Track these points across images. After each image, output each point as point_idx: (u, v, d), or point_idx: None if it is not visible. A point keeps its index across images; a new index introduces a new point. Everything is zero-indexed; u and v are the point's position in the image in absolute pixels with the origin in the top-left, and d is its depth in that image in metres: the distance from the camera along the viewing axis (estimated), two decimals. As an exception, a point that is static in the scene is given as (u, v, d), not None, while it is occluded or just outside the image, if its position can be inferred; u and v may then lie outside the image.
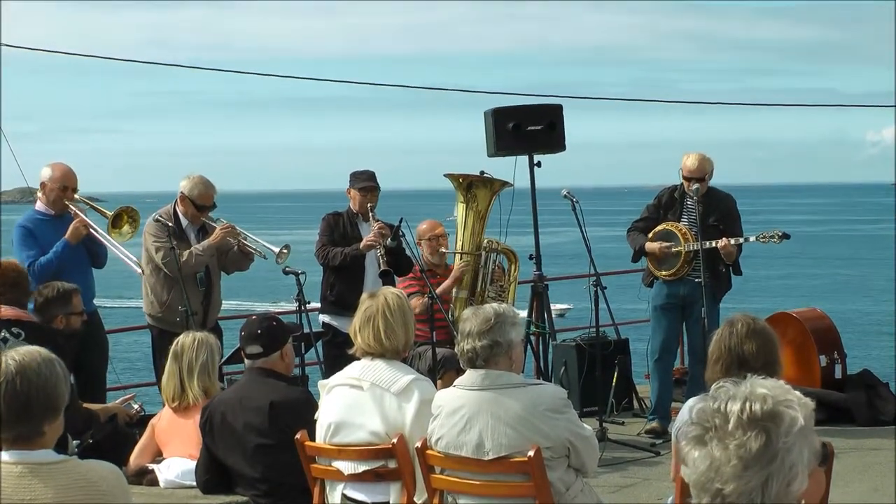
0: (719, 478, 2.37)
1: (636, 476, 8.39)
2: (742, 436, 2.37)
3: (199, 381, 6.55)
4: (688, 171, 9.42)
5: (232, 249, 8.90)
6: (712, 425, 2.40)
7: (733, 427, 2.38)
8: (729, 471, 2.37)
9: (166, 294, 8.72)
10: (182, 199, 8.88)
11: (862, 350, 29.33)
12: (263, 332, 6.07)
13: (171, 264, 8.58)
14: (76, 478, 3.49)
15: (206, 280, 8.86)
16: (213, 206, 8.95)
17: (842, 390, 10.07)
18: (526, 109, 10.39)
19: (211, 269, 8.90)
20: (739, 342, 4.97)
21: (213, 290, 8.93)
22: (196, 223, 8.90)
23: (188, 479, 6.34)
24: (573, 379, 10.13)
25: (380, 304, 5.58)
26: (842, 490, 7.44)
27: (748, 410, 2.39)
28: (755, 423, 2.38)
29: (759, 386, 2.43)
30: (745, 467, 2.36)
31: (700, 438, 2.41)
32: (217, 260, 8.95)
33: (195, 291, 8.76)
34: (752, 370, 4.87)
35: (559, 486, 5.05)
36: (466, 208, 9.80)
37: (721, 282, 9.48)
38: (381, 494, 5.53)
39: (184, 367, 6.58)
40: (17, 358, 3.49)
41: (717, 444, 2.39)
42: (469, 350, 5.11)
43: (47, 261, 8.33)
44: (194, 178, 8.90)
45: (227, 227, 8.82)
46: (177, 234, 8.75)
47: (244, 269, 9.11)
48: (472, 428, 5.06)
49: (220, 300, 9.09)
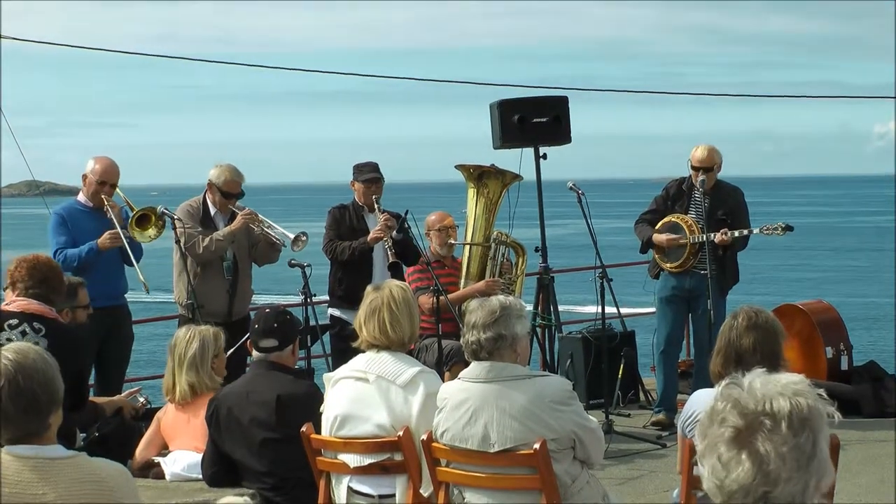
0: (769, 481, 2.30)
1: (642, 468, 8.40)
2: (795, 438, 2.31)
3: (187, 376, 6.51)
4: (697, 162, 9.45)
5: (261, 241, 8.92)
6: (760, 426, 2.31)
7: (786, 429, 2.31)
8: (782, 474, 2.30)
9: (198, 282, 8.73)
10: (210, 187, 8.95)
11: (869, 342, 29.29)
12: (280, 326, 6.06)
13: (193, 249, 8.63)
14: (85, 473, 3.51)
15: (232, 269, 8.87)
16: (240, 194, 9.00)
17: (848, 382, 10.08)
18: (531, 102, 10.37)
19: (239, 260, 8.91)
20: (738, 336, 5.00)
21: (241, 280, 8.93)
22: (225, 212, 8.94)
23: (194, 472, 6.34)
24: (579, 371, 10.15)
25: (385, 296, 5.58)
26: (848, 482, 7.45)
27: (797, 409, 2.32)
28: (804, 422, 2.32)
29: (790, 382, 2.36)
30: (797, 469, 2.30)
31: (743, 440, 2.32)
32: (248, 251, 8.96)
33: (220, 281, 8.79)
34: (749, 365, 4.88)
35: (565, 478, 5.05)
36: (476, 200, 9.80)
37: (728, 275, 9.48)
38: (387, 487, 5.53)
39: (175, 362, 6.58)
40: (12, 357, 3.51)
41: (770, 446, 2.30)
42: (473, 342, 5.11)
43: (72, 256, 8.37)
44: (222, 166, 8.96)
45: (248, 213, 8.84)
46: (204, 222, 8.81)
47: (273, 260, 9.13)
48: (477, 420, 5.06)
49: (249, 290, 9.11)
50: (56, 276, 6.85)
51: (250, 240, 8.93)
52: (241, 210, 8.88)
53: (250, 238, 8.92)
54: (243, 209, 8.89)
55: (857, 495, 7.55)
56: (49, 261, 7.04)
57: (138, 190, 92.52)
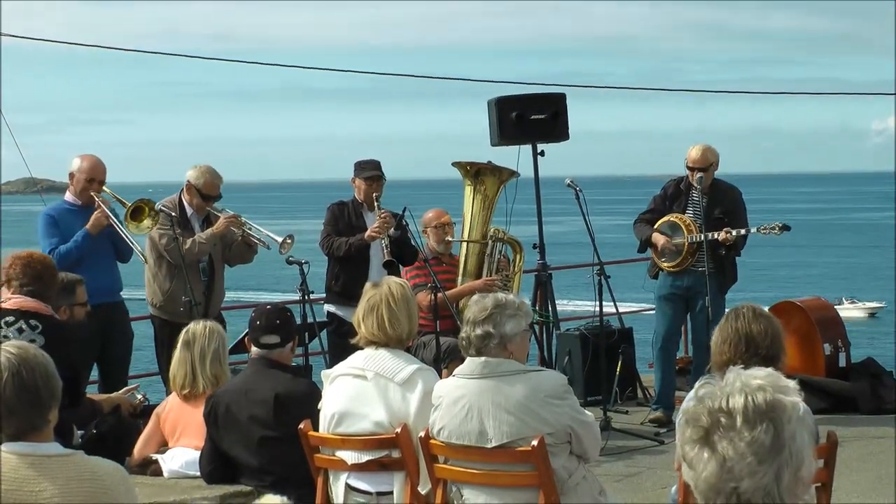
0: (733, 477, 2.33)
1: (640, 465, 8.40)
2: (751, 431, 2.33)
3: (211, 368, 6.55)
4: (692, 162, 9.46)
5: (236, 241, 8.91)
6: (717, 424, 2.35)
7: (741, 423, 2.33)
8: (744, 468, 2.33)
9: (169, 283, 8.73)
10: (188, 188, 8.90)
11: (867, 338, 29.31)
12: (282, 323, 6.07)
13: (174, 252, 8.60)
14: (82, 471, 3.53)
15: (209, 270, 8.89)
16: (218, 196, 8.97)
17: (846, 379, 10.07)
18: (529, 99, 10.36)
19: (214, 260, 8.91)
20: (747, 323, 4.97)
21: (216, 280, 8.94)
22: (201, 213, 8.92)
23: (192, 469, 6.34)
24: (577, 368, 10.14)
25: (384, 293, 5.58)
26: (846, 479, 7.44)
27: (752, 404, 2.34)
28: (762, 415, 2.34)
29: (751, 378, 2.39)
30: (759, 462, 2.32)
31: (705, 439, 2.36)
32: (221, 252, 8.96)
33: (197, 281, 8.78)
34: (760, 349, 4.88)
35: (562, 473, 5.06)
36: (473, 197, 9.80)
37: (726, 274, 9.48)
38: (385, 484, 5.53)
39: (195, 355, 6.57)
40: (15, 351, 3.54)
41: (727, 443, 2.34)
42: (464, 338, 5.12)
43: (67, 250, 8.35)
44: (201, 168, 8.93)
45: (232, 216, 8.83)
46: (181, 223, 8.77)
47: (248, 261, 9.12)
48: (473, 416, 5.06)
49: (223, 291, 9.10)
50: (50, 273, 6.86)
51: (224, 240, 8.92)
52: (219, 212, 8.87)
53: (224, 239, 8.90)
54: (223, 211, 8.88)
55: (855, 492, 7.55)
56: (43, 258, 7.04)
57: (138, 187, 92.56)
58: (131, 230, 8.54)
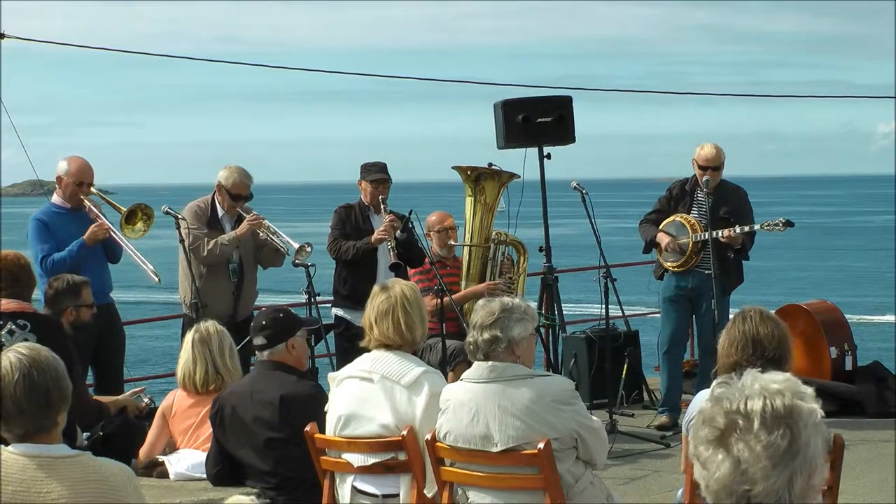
0: (746, 479, 2.33)
1: (646, 468, 8.40)
2: (768, 435, 2.33)
3: (231, 362, 6.59)
4: (703, 161, 9.42)
5: (267, 244, 8.91)
6: (733, 426, 2.35)
7: (758, 426, 2.33)
8: (758, 471, 2.33)
9: (201, 283, 8.73)
10: (218, 188, 8.95)
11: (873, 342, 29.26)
12: (268, 323, 6.07)
13: (197, 252, 8.64)
14: (89, 472, 3.54)
15: (238, 271, 8.88)
16: (248, 196, 8.99)
17: (852, 382, 10.07)
18: (535, 101, 10.37)
19: (245, 262, 8.92)
20: (754, 325, 4.97)
21: (246, 282, 8.94)
22: (232, 214, 8.94)
23: (198, 471, 6.34)
24: (583, 371, 10.15)
25: (397, 295, 5.58)
26: (852, 482, 7.44)
27: (770, 408, 2.34)
28: (779, 420, 2.34)
29: (770, 381, 2.39)
30: (773, 466, 2.32)
31: (721, 440, 2.36)
32: (254, 254, 8.97)
33: (226, 283, 8.80)
34: (767, 351, 4.88)
35: (568, 478, 5.05)
36: (475, 201, 9.81)
37: (731, 276, 9.48)
38: (391, 487, 5.54)
39: (215, 352, 6.58)
40: (26, 352, 3.56)
41: (742, 445, 2.34)
42: (471, 343, 5.12)
43: (61, 258, 8.34)
44: (231, 168, 8.96)
45: (254, 218, 8.84)
46: (211, 223, 8.80)
47: (277, 265, 9.14)
48: (479, 420, 5.06)
49: (254, 292, 9.12)
50: (26, 273, 6.88)
51: (256, 242, 8.93)
52: (247, 213, 8.88)
53: (256, 240, 8.91)
54: (250, 213, 8.89)
55: (861, 495, 7.55)
56: (18, 258, 7.02)
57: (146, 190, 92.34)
58: (126, 234, 8.54)
